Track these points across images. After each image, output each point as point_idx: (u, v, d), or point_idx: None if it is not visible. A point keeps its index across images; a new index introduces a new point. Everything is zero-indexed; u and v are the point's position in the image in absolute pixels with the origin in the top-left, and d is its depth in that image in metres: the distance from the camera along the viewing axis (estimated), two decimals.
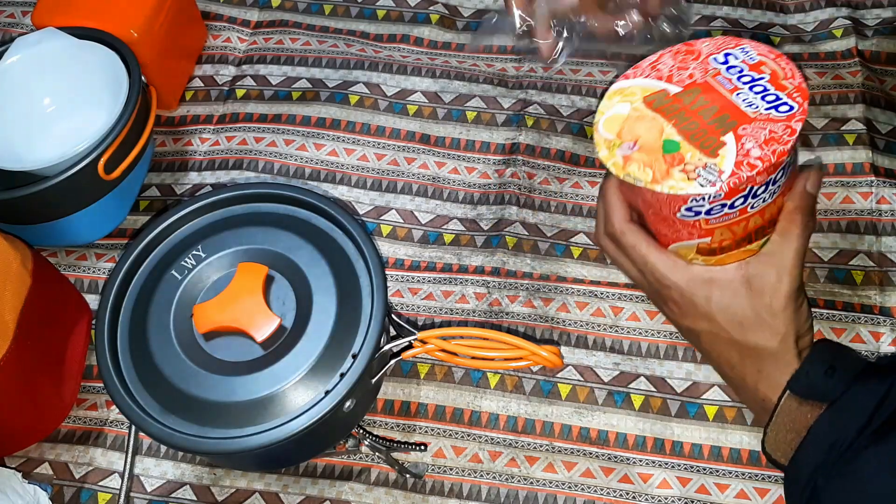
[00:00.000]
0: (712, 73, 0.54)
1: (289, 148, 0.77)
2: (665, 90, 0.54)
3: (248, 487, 0.63)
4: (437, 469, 0.63)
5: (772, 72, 0.54)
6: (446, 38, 0.83)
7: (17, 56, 0.70)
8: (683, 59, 0.56)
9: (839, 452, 0.49)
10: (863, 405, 0.50)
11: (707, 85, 0.54)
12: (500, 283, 0.69)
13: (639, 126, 0.53)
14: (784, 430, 0.52)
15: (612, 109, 0.54)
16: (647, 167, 0.52)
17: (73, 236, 0.72)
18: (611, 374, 0.65)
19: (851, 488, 0.49)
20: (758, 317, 0.53)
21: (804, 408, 0.52)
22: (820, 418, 0.51)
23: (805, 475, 0.51)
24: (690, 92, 0.54)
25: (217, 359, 0.57)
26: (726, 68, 0.55)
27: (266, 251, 0.61)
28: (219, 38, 0.85)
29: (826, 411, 0.51)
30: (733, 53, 0.55)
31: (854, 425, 0.49)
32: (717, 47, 0.55)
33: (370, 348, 0.56)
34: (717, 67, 0.55)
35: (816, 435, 0.51)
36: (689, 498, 0.60)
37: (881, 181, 0.70)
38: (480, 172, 0.75)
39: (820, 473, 0.50)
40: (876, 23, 0.79)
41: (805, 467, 0.51)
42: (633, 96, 0.54)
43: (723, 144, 0.52)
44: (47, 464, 0.64)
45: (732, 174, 0.50)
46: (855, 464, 0.49)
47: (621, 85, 0.55)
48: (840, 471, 0.49)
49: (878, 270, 0.66)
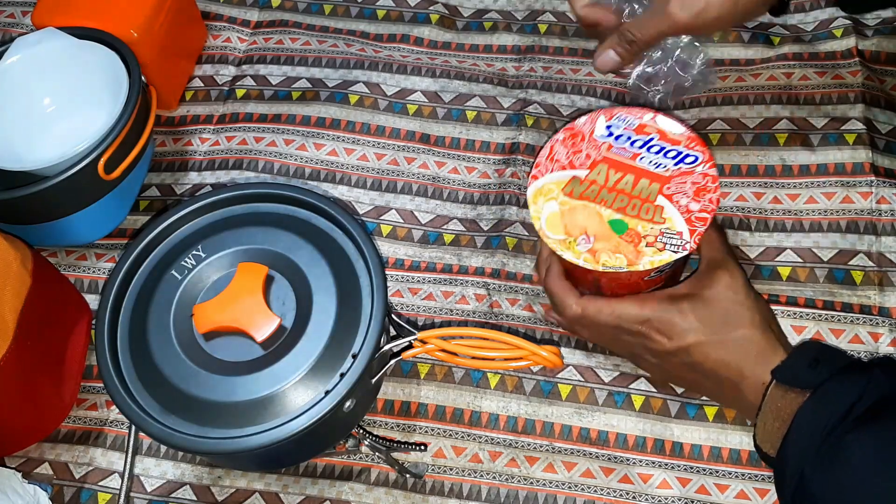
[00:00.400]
0: (606, 148, 0.59)
1: (289, 148, 0.77)
2: (575, 177, 0.58)
3: (248, 487, 0.63)
4: (437, 469, 0.63)
5: (657, 131, 0.59)
6: (446, 38, 0.83)
7: (17, 56, 0.70)
8: (573, 143, 0.59)
9: (823, 438, 0.50)
10: (846, 392, 0.51)
11: (608, 160, 0.58)
12: (501, 285, 0.69)
13: (577, 217, 0.57)
14: (771, 419, 0.54)
15: (543, 211, 0.57)
16: (615, 253, 0.56)
17: (73, 236, 0.72)
18: (611, 374, 0.65)
19: (838, 475, 0.50)
20: (733, 307, 0.57)
21: (789, 395, 0.53)
22: (804, 405, 0.52)
23: (792, 464, 0.52)
24: (598, 171, 0.58)
25: (217, 359, 0.57)
26: (615, 139, 0.59)
27: (266, 251, 0.61)
28: (219, 38, 0.85)
29: (810, 398, 0.52)
30: (613, 125, 0.59)
31: (838, 411, 0.51)
32: (595, 123, 0.60)
33: (370, 348, 0.56)
34: (606, 142, 0.59)
35: (801, 422, 0.52)
36: (689, 498, 0.60)
37: (881, 181, 0.70)
38: (480, 172, 0.75)
39: (806, 461, 0.51)
40: (876, 23, 0.79)
41: (791, 456, 0.52)
42: (551, 192, 0.58)
43: (661, 208, 0.56)
44: (47, 464, 0.64)
45: (692, 232, 0.55)
46: (839, 449, 0.50)
47: (536, 186, 0.58)
48: (825, 457, 0.50)
49: (877, 270, 0.66)
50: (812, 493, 0.50)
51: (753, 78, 0.76)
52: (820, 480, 0.50)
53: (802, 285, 0.66)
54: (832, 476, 0.50)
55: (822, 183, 0.70)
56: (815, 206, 0.69)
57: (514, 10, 0.84)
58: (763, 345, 0.56)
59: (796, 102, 0.74)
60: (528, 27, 0.83)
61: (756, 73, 0.76)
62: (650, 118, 0.59)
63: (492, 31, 0.83)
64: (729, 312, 0.57)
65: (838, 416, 0.50)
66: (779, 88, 0.75)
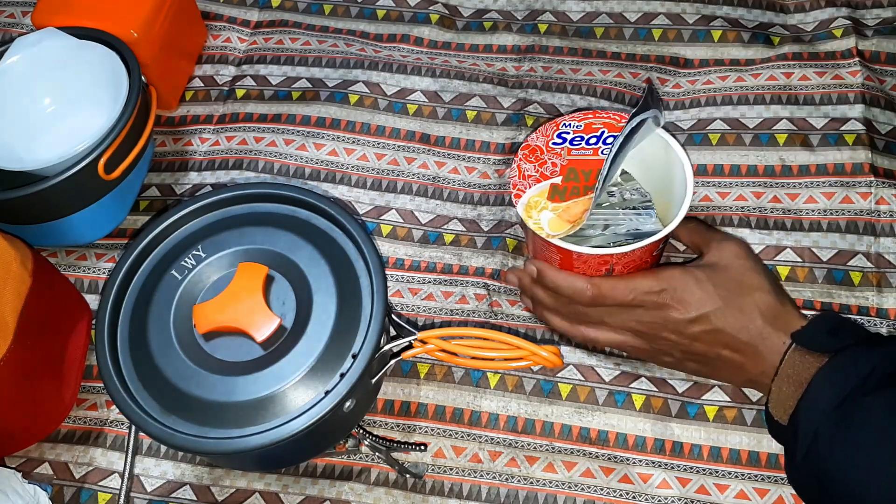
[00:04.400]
0: (566, 153, 0.62)
1: (289, 148, 0.77)
2: (553, 184, 0.61)
3: (248, 487, 0.63)
4: (437, 469, 0.63)
5: (604, 125, 0.63)
6: (446, 37, 0.83)
7: (17, 56, 0.70)
8: (535, 157, 0.62)
9: (841, 400, 0.50)
10: (866, 359, 0.52)
11: (574, 161, 0.62)
12: (501, 286, 0.69)
13: (574, 212, 0.60)
14: (787, 383, 0.54)
15: (542, 221, 0.59)
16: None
17: (73, 236, 0.72)
18: (612, 373, 0.65)
19: (853, 435, 0.50)
20: (745, 272, 0.58)
21: (807, 359, 0.53)
22: (823, 368, 0.52)
23: (806, 425, 0.52)
24: (570, 173, 0.61)
25: (217, 359, 0.57)
26: (570, 143, 0.63)
27: (266, 251, 0.61)
28: (219, 38, 0.85)
29: (829, 362, 0.52)
30: (562, 132, 0.63)
31: (857, 375, 0.51)
32: (547, 135, 0.63)
33: (370, 348, 0.56)
34: (564, 147, 0.62)
35: (819, 384, 0.52)
36: (689, 498, 0.60)
37: (880, 181, 0.70)
38: (480, 172, 0.75)
39: (822, 422, 0.51)
40: (876, 23, 0.79)
41: (806, 417, 0.52)
42: (539, 204, 0.61)
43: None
44: (47, 464, 0.64)
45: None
46: (857, 410, 0.50)
47: (523, 203, 0.60)
48: (842, 418, 0.50)
49: (875, 271, 0.66)
50: (826, 453, 0.51)
51: (753, 78, 0.76)
52: (834, 440, 0.50)
53: (801, 286, 0.66)
54: (848, 436, 0.50)
55: (822, 183, 0.70)
56: (815, 206, 0.70)
57: (514, 10, 0.84)
58: (779, 308, 0.57)
59: (796, 102, 0.74)
60: (528, 27, 0.83)
61: (756, 73, 0.76)
62: (592, 117, 0.63)
63: (492, 31, 0.83)
64: (742, 277, 0.57)
65: (857, 380, 0.51)
66: (779, 88, 0.75)
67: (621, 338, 0.61)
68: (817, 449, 0.51)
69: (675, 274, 0.57)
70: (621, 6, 0.83)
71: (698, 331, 0.57)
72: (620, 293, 0.58)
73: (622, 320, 0.60)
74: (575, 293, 0.59)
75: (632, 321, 0.59)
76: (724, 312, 0.56)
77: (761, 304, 0.57)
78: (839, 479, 0.51)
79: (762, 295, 0.57)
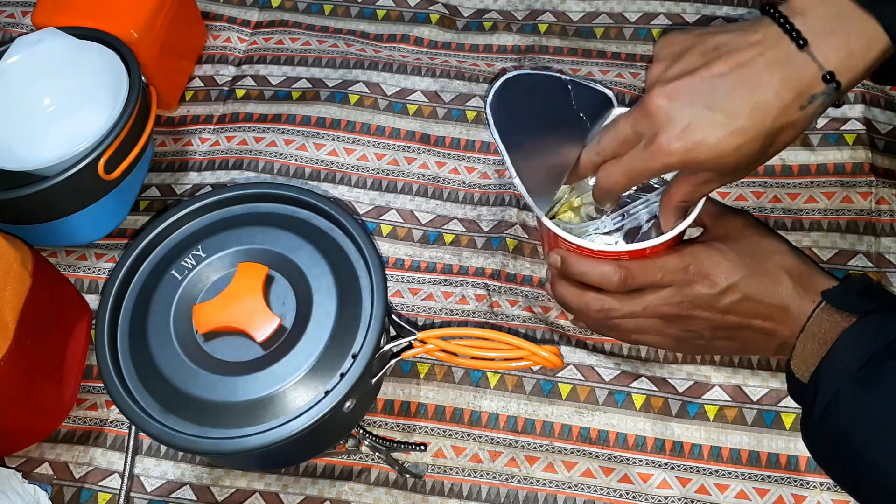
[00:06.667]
0: None
1: (289, 148, 0.77)
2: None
3: (248, 487, 0.63)
4: (437, 469, 0.63)
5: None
6: (446, 37, 0.83)
7: (17, 56, 0.70)
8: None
9: (865, 360, 0.50)
10: (894, 322, 0.52)
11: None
12: (501, 287, 0.69)
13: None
14: (812, 341, 0.54)
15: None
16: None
17: (73, 236, 0.72)
18: (612, 373, 0.64)
19: (875, 395, 0.50)
20: (759, 239, 0.58)
21: (835, 318, 0.54)
22: (850, 328, 0.52)
23: (827, 383, 0.52)
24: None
25: (217, 359, 0.57)
26: None
27: (266, 251, 0.61)
28: (219, 38, 0.85)
29: (857, 322, 0.52)
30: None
31: (884, 337, 0.51)
32: None
33: (370, 348, 0.56)
34: None
35: (845, 342, 0.52)
36: (689, 498, 0.60)
37: (881, 181, 0.70)
38: (480, 172, 0.75)
39: (844, 380, 0.51)
40: None
41: (829, 375, 0.52)
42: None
43: None
44: (47, 464, 0.64)
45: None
46: (881, 372, 0.50)
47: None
48: (864, 378, 0.50)
49: (876, 271, 0.66)
50: (844, 412, 0.51)
51: None
52: (855, 400, 0.50)
53: None
54: (868, 397, 0.50)
55: (822, 183, 0.70)
56: (815, 206, 0.70)
57: (514, 10, 0.84)
58: (804, 268, 0.57)
59: None
60: (528, 27, 0.83)
61: None
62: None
63: (492, 31, 0.83)
64: (758, 244, 0.58)
65: (884, 342, 0.51)
66: None
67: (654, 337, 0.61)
68: (837, 408, 0.51)
69: (698, 249, 0.58)
70: (621, 6, 0.83)
71: (729, 302, 0.57)
72: (651, 273, 0.57)
73: (652, 306, 0.58)
74: (602, 277, 0.58)
75: (663, 305, 0.58)
76: (751, 279, 0.56)
77: (786, 266, 0.57)
78: (855, 441, 0.51)
79: (784, 257, 0.57)
